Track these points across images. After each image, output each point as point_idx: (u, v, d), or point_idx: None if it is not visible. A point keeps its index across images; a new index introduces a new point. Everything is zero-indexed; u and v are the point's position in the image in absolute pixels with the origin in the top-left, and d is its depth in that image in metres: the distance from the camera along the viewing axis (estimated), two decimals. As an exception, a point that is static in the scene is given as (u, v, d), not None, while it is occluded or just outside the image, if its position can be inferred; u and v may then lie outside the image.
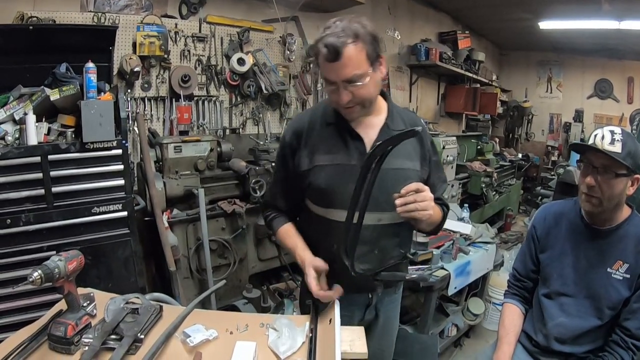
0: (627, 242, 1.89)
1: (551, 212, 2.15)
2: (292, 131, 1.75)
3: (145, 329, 1.45)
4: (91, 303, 1.57)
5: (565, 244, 2.03)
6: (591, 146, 1.79)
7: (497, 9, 7.01)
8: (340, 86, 1.50)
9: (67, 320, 1.38)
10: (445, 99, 7.96)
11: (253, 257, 3.76)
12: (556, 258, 2.04)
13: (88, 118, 2.46)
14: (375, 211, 1.58)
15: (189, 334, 1.43)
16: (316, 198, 1.71)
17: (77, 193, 2.51)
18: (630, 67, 8.85)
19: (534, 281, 2.17)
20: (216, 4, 4.20)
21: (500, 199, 7.00)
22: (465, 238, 3.73)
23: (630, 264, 1.86)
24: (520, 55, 10.21)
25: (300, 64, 4.87)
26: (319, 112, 1.75)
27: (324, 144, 1.68)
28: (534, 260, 2.15)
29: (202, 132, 4.05)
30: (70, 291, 1.42)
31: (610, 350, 1.91)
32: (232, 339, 1.44)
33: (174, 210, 3.33)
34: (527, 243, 2.21)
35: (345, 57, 1.44)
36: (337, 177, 1.63)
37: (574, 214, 2.04)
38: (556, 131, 10.05)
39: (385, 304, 1.93)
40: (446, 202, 1.86)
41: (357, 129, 1.67)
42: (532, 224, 2.20)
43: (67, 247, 1.86)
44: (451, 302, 4.01)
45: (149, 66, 3.72)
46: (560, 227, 2.07)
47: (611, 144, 1.75)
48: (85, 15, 3.37)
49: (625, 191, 1.83)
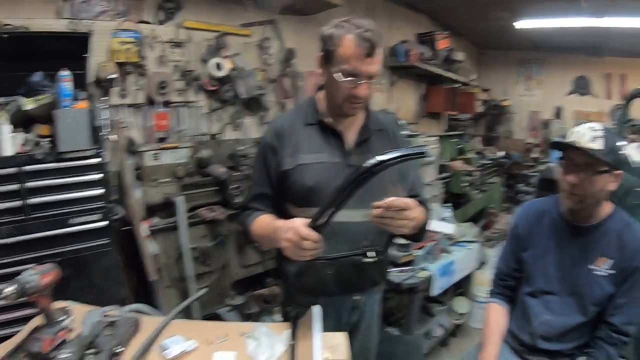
0: (609, 238, 1.90)
1: (532, 210, 2.15)
2: (273, 131, 1.77)
3: (123, 342, 1.43)
4: (68, 317, 1.54)
5: (548, 242, 2.03)
6: (572, 144, 1.81)
7: (476, 9, 7.05)
8: (363, 80, 1.57)
9: (44, 336, 1.36)
10: (425, 100, 7.98)
11: (235, 263, 3.72)
12: (539, 256, 2.05)
13: (64, 127, 2.43)
14: (362, 208, 1.58)
15: (168, 345, 1.41)
16: (299, 198, 1.71)
17: (55, 204, 2.47)
18: (609, 64, 8.98)
19: (517, 280, 2.17)
20: (193, 8, 4.16)
21: (482, 197, 7.04)
22: (448, 238, 3.74)
23: (614, 259, 1.88)
24: (499, 54, 10.31)
25: (279, 68, 4.84)
26: (300, 113, 1.79)
27: (307, 143, 1.71)
28: (517, 259, 2.15)
29: (180, 138, 4.01)
30: (45, 306, 1.40)
31: (596, 346, 1.92)
32: (212, 350, 1.43)
33: (154, 218, 3.29)
34: (509, 242, 2.21)
35: (377, 54, 1.56)
36: (323, 175, 1.66)
37: (555, 212, 2.05)
38: (536, 128, 10.17)
39: (370, 304, 1.95)
40: (427, 202, 1.86)
41: (337, 128, 1.72)
42: (514, 223, 2.21)
43: (46, 260, 1.83)
44: (436, 302, 4.00)
45: (126, 73, 3.66)
46: (542, 225, 2.07)
47: (592, 141, 1.76)
48: (61, 22, 3.31)
49: (607, 187, 1.84)
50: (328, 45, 1.58)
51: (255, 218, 1.77)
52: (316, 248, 1.40)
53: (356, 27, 1.54)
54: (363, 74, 1.56)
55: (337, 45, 1.55)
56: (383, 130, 1.82)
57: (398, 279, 3.06)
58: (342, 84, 1.57)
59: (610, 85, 9.14)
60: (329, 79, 1.64)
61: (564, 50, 9.12)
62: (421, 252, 3.32)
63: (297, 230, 1.39)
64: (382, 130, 1.82)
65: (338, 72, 1.56)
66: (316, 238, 1.39)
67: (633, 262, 1.85)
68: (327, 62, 1.62)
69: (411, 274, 3.13)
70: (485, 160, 7.89)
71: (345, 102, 1.62)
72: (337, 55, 1.56)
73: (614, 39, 7.70)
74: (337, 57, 1.56)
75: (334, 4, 4.68)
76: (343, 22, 1.58)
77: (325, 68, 1.65)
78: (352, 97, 1.60)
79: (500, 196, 8.29)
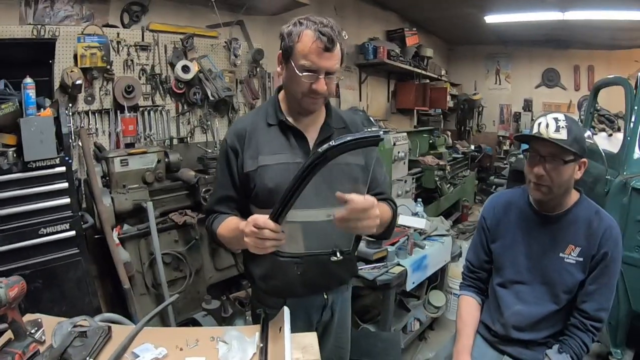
0: (577, 226, 1.92)
1: (500, 202, 2.17)
2: (234, 133, 1.76)
3: (93, 352, 1.42)
4: (39, 329, 1.51)
5: (516, 232, 2.05)
6: (536, 136, 1.82)
7: (443, 5, 7.15)
8: (322, 75, 1.57)
9: (14, 350, 1.34)
10: (395, 96, 8.06)
11: (209, 267, 3.70)
12: (508, 247, 2.06)
13: (29, 136, 2.40)
14: (324, 207, 1.59)
15: (138, 354, 1.41)
16: (261, 200, 1.70)
17: (22, 215, 2.43)
18: (576, 56, 9.24)
19: (488, 271, 2.19)
20: (159, 11, 4.12)
21: (455, 190, 7.15)
22: (420, 232, 3.77)
23: (582, 247, 1.90)
24: (468, 50, 10.49)
25: (247, 69, 4.84)
26: (262, 114, 1.79)
27: (268, 144, 1.71)
28: (486, 251, 2.17)
29: (149, 143, 3.97)
30: (14, 319, 1.38)
31: (569, 333, 1.95)
32: (182, 356, 1.43)
33: (125, 225, 3.24)
34: (478, 234, 2.22)
35: (336, 50, 1.56)
36: (284, 176, 1.63)
37: (523, 202, 2.07)
38: (507, 121, 10.37)
39: (340, 302, 1.96)
40: (392, 198, 1.88)
41: (299, 127, 1.72)
42: (482, 215, 2.22)
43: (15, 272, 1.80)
44: (412, 296, 4.05)
45: (92, 78, 3.61)
46: (510, 216, 2.09)
47: (556, 131, 1.78)
48: (24, 28, 3.25)
49: (574, 176, 1.87)
50: (287, 42, 1.59)
51: (221, 222, 1.76)
52: (277, 238, 1.40)
53: (314, 23, 1.55)
54: (321, 69, 1.56)
55: (296, 41, 1.56)
56: (346, 128, 1.82)
57: (371, 276, 3.07)
58: (301, 79, 1.58)
59: (578, 77, 9.35)
60: (289, 75, 1.64)
61: (531, 44, 9.33)
62: (393, 248, 3.34)
63: (256, 222, 1.39)
64: (345, 128, 1.82)
65: (297, 68, 1.56)
66: (274, 227, 1.37)
67: (602, 249, 1.87)
68: (287, 59, 1.62)
69: (384, 270, 3.15)
70: (456, 154, 8.00)
71: (305, 98, 1.62)
72: (296, 51, 1.56)
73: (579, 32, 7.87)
74: (295, 53, 1.57)
75: (302, 3, 4.68)
76: (302, 19, 1.59)
77: (284, 65, 1.66)
78: (312, 92, 1.60)
79: (473, 189, 8.43)
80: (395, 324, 3.56)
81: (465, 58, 10.64)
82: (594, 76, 8.99)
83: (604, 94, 4.32)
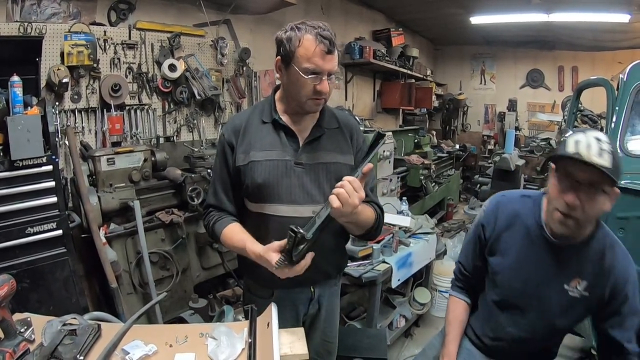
0: (588, 257, 1.70)
1: (504, 212, 1.88)
2: (231, 128, 1.84)
3: (84, 350, 1.42)
4: (29, 328, 1.52)
5: (519, 253, 1.82)
6: (577, 158, 1.50)
7: (429, 6, 7.22)
8: (325, 77, 1.64)
9: (5, 349, 1.34)
10: (381, 96, 8.12)
11: (196, 266, 3.71)
12: (507, 267, 1.85)
13: (15, 134, 2.38)
14: (310, 204, 1.70)
15: (128, 350, 1.42)
16: (252, 194, 1.78)
17: (9, 214, 2.42)
18: (560, 57, 9.37)
19: (479, 277, 2.03)
20: (146, 9, 4.12)
21: (440, 189, 7.20)
22: (405, 230, 3.81)
23: (589, 282, 1.70)
24: (453, 50, 10.58)
25: (234, 68, 4.85)
26: (257, 112, 1.85)
27: (260, 141, 1.77)
28: (481, 259, 1.98)
29: (135, 142, 3.97)
30: (4, 317, 1.38)
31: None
32: (172, 352, 1.45)
33: (111, 224, 3.24)
34: (473, 241, 2.00)
35: (335, 52, 1.65)
36: (272, 172, 1.73)
37: (533, 221, 1.80)
38: (491, 121, 10.49)
39: (327, 296, 2.01)
40: (379, 203, 1.89)
41: (291, 126, 1.79)
42: (480, 222, 1.95)
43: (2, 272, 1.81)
44: (397, 293, 4.09)
45: (78, 76, 3.60)
46: (514, 232, 1.84)
47: (599, 155, 1.47)
48: (11, 25, 3.23)
49: (604, 208, 1.58)
50: (286, 48, 1.63)
51: (224, 227, 1.81)
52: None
53: (313, 28, 1.61)
54: (325, 71, 1.63)
55: (297, 46, 1.61)
56: (339, 128, 1.87)
57: (357, 273, 3.10)
58: (306, 82, 1.63)
59: (562, 78, 9.47)
60: (290, 79, 1.69)
61: (516, 44, 9.44)
62: (379, 245, 3.37)
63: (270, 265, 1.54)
64: (339, 128, 1.87)
65: (301, 71, 1.62)
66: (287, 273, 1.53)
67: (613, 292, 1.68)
68: (287, 64, 1.67)
69: (370, 267, 3.18)
70: (441, 153, 8.05)
71: (309, 100, 1.69)
72: (298, 55, 1.61)
73: (564, 33, 7.97)
74: (298, 57, 1.62)
75: (289, 2, 4.70)
76: (299, 25, 1.63)
77: (284, 70, 1.70)
78: (316, 93, 1.66)
79: (457, 188, 8.50)
80: (381, 321, 3.59)
81: (451, 58, 10.73)
82: (578, 77, 9.14)
83: (588, 94, 4.40)
